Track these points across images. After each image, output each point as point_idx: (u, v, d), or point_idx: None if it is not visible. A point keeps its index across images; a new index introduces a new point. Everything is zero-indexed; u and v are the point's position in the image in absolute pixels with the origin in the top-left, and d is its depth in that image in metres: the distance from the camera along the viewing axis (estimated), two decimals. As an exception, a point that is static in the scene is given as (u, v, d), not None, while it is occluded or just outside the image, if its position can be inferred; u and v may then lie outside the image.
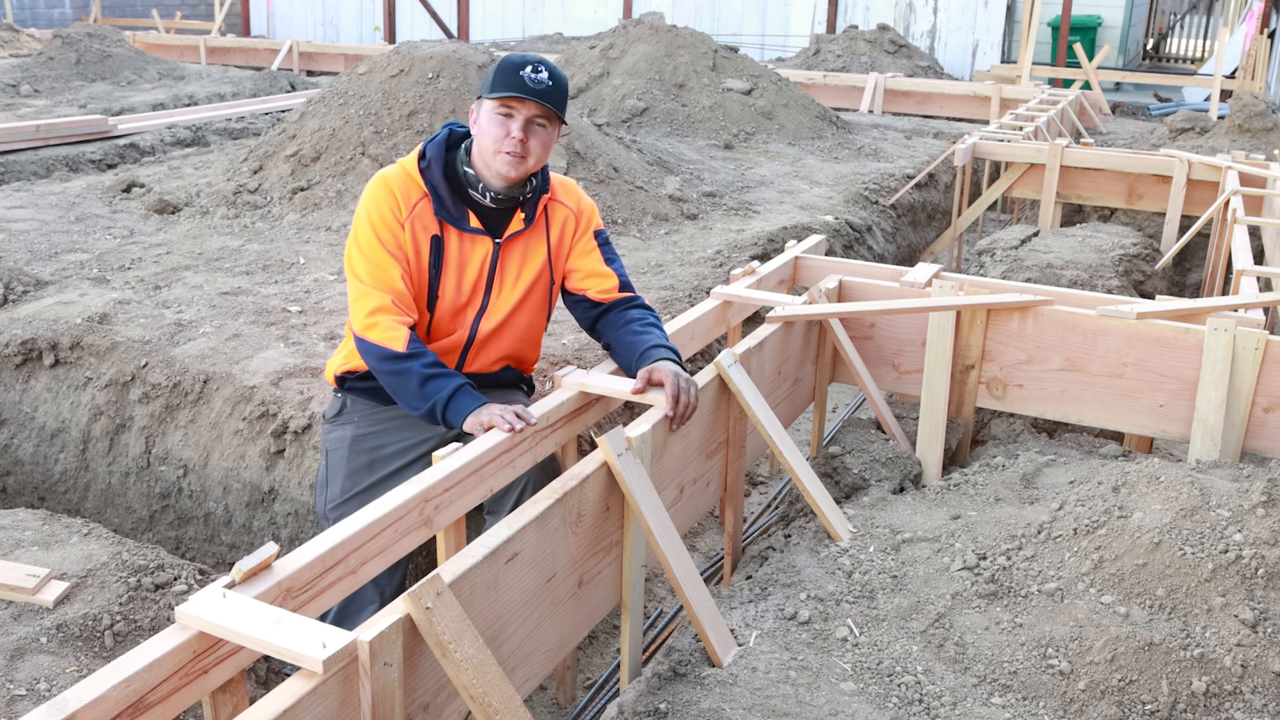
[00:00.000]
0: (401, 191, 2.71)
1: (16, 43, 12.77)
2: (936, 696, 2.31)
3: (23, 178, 6.83)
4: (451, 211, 2.74)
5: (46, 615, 2.42)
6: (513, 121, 2.63)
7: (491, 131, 2.65)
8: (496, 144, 2.64)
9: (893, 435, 3.65)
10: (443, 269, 2.75)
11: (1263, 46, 12.47)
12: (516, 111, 2.63)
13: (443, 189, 2.73)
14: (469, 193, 2.75)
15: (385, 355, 2.62)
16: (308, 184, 5.80)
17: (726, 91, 8.79)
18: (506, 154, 2.64)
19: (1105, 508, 2.59)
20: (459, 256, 2.76)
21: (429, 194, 2.72)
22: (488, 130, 2.66)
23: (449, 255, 2.75)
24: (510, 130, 2.63)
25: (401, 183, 2.72)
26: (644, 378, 2.71)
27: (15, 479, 3.98)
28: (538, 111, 2.64)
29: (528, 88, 2.61)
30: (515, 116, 2.63)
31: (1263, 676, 2.26)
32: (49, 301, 4.29)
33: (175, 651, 1.74)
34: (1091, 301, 3.61)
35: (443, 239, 2.74)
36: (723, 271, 4.91)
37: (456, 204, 2.75)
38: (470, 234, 2.76)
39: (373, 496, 2.32)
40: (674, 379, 2.68)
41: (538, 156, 2.69)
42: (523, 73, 2.62)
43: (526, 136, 2.64)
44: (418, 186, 2.73)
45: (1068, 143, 6.95)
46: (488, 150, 2.67)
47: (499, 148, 2.64)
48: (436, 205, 2.72)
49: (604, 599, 2.58)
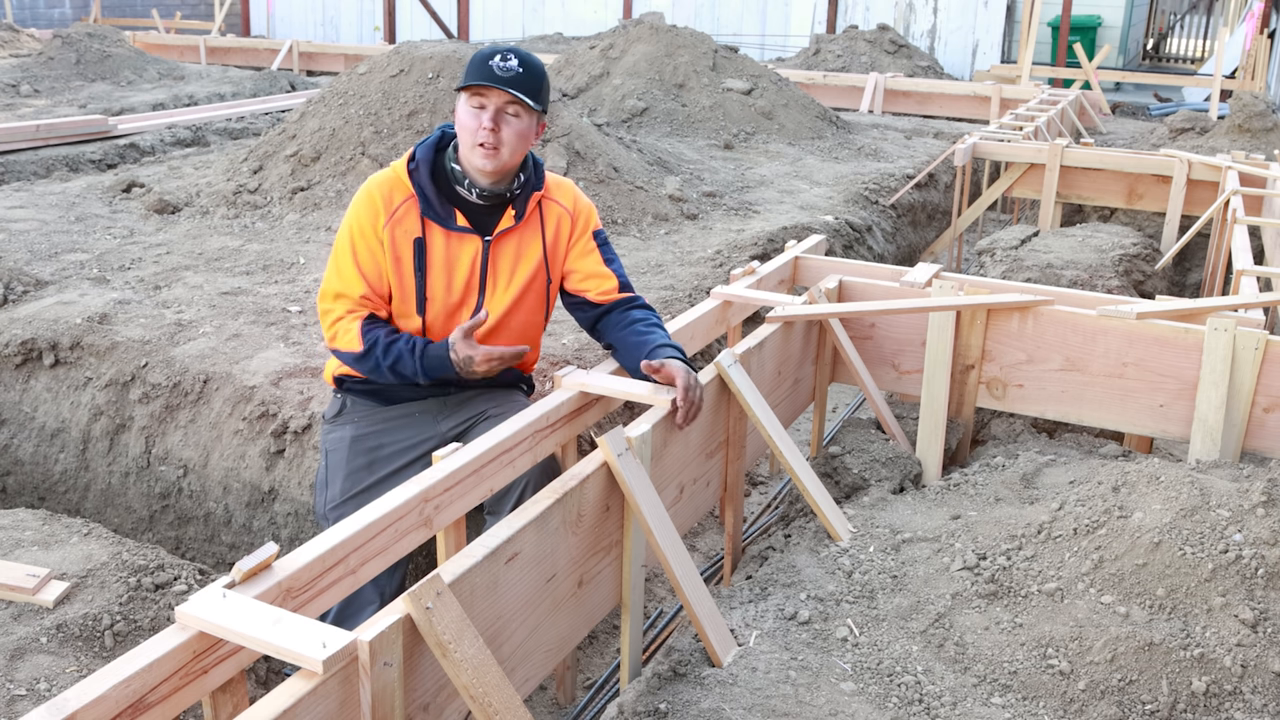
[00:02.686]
0: (385, 197, 2.73)
1: (16, 43, 12.76)
2: (936, 696, 2.31)
3: (23, 178, 6.83)
4: (438, 211, 2.74)
5: (46, 615, 2.42)
6: (484, 113, 2.63)
7: (466, 124, 2.65)
8: (471, 136, 2.65)
9: (893, 435, 3.65)
10: (428, 270, 2.75)
11: (1263, 46, 12.47)
12: (487, 101, 2.64)
13: (429, 189, 2.73)
14: (456, 190, 2.75)
15: (353, 359, 2.73)
16: (308, 184, 5.80)
17: (726, 91, 8.79)
18: (479, 145, 2.64)
19: (1105, 508, 2.59)
20: (446, 256, 2.76)
21: (415, 194, 2.73)
22: (463, 123, 2.67)
23: (433, 256, 2.75)
24: (482, 121, 2.63)
25: (387, 187, 2.74)
26: (656, 365, 2.71)
27: (15, 479, 3.98)
28: (507, 99, 2.63)
29: (496, 76, 2.61)
30: (486, 107, 2.64)
31: (1263, 676, 2.26)
32: (49, 301, 4.29)
33: (175, 651, 1.74)
34: (1091, 301, 3.61)
35: (425, 240, 2.74)
36: (723, 271, 4.91)
37: (443, 204, 2.75)
38: (457, 233, 2.75)
39: (372, 497, 2.32)
40: (685, 376, 2.69)
41: (512, 147, 2.67)
42: (491, 62, 2.62)
43: (498, 126, 2.63)
44: (404, 188, 2.74)
45: (1068, 143, 6.94)
46: (465, 144, 2.68)
47: (473, 140, 2.65)
48: (423, 205, 2.73)
49: (604, 599, 2.58)
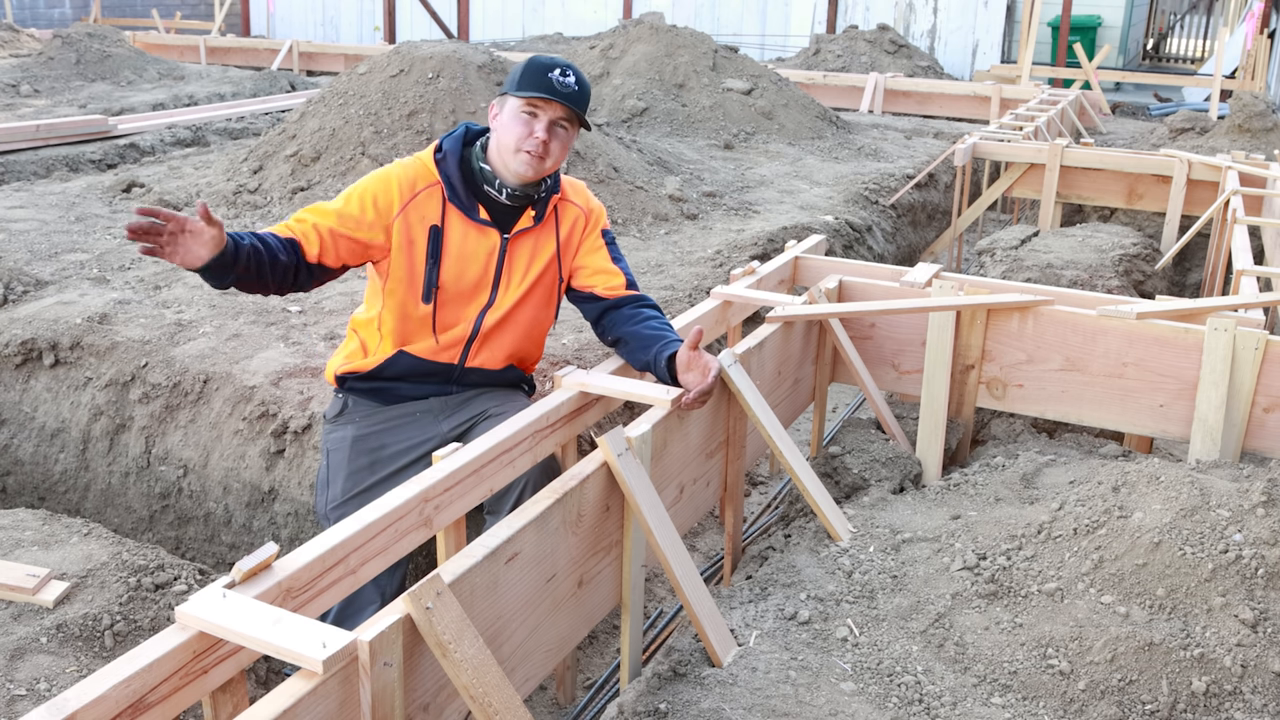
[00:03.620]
0: (407, 180, 2.73)
1: (16, 43, 12.76)
2: (936, 696, 2.31)
3: (23, 178, 6.83)
4: (463, 200, 2.76)
5: (46, 615, 2.42)
6: (537, 122, 2.65)
7: (514, 129, 2.66)
8: (518, 142, 2.66)
9: (893, 435, 3.65)
10: (442, 258, 2.76)
11: (1263, 46, 12.47)
12: (541, 112, 2.65)
13: (456, 179, 2.76)
14: (483, 188, 2.77)
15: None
16: (308, 184, 5.80)
17: (726, 91, 8.79)
18: (526, 153, 2.66)
19: (1105, 508, 2.59)
20: (461, 246, 2.77)
21: (441, 181, 2.74)
22: (510, 127, 2.67)
23: (449, 244, 2.76)
24: (534, 130, 2.65)
25: (410, 171, 2.75)
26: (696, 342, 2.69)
27: (15, 479, 3.98)
28: (562, 114, 2.67)
29: (555, 90, 2.63)
30: (540, 117, 2.66)
31: (1263, 676, 2.26)
32: (49, 301, 4.29)
33: (175, 651, 1.74)
34: (1091, 301, 3.60)
35: (442, 229, 2.75)
36: (723, 271, 4.91)
37: (469, 195, 2.77)
38: (478, 224, 2.77)
39: (373, 497, 2.32)
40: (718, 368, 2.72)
41: (556, 158, 2.72)
42: (551, 75, 2.64)
43: (549, 138, 2.66)
44: (430, 174, 2.75)
45: (1068, 143, 6.94)
46: (507, 148, 2.69)
47: (520, 146, 2.66)
48: (449, 192, 2.74)
49: (604, 599, 2.58)
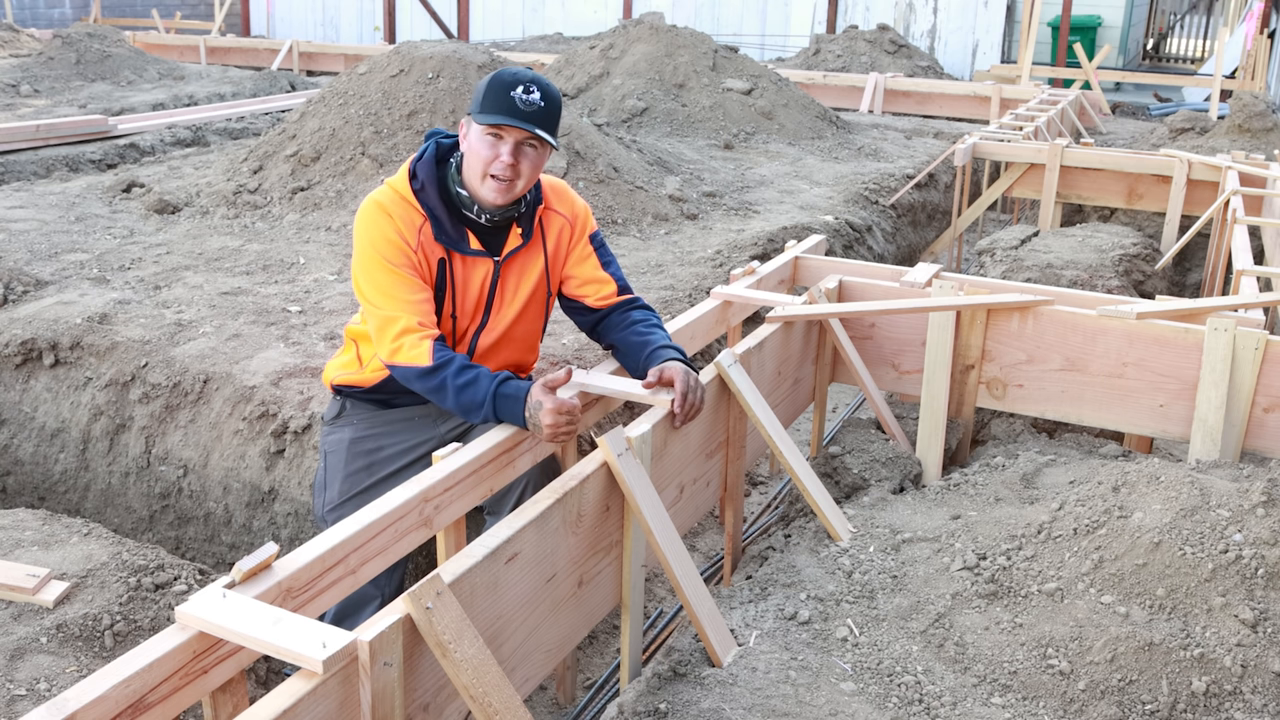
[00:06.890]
0: (402, 216, 2.63)
1: (16, 43, 12.76)
2: (936, 696, 2.31)
3: (23, 178, 6.83)
4: (451, 235, 2.67)
5: (46, 615, 2.42)
6: (503, 145, 2.56)
7: (480, 154, 2.58)
8: (485, 165, 2.57)
9: (893, 435, 3.65)
10: (446, 291, 2.70)
11: (1263, 46, 12.47)
12: (506, 134, 2.56)
13: (440, 211, 2.66)
14: (465, 213, 2.69)
15: (416, 374, 2.55)
16: (308, 184, 5.80)
17: (726, 91, 8.79)
18: (493, 177, 2.57)
19: (1105, 508, 2.59)
20: (463, 278, 2.71)
21: (427, 218, 2.65)
22: (477, 151, 2.59)
23: (453, 278, 2.70)
24: (500, 153, 2.56)
25: (398, 207, 2.64)
26: (655, 375, 2.69)
27: (15, 479, 3.98)
28: (529, 135, 2.57)
29: (519, 111, 2.53)
30: (505, 139, 2.56)
31: (1263, 676, 2.26)
32: (49, 301, 4.29)
33: (175, 651, 1.74)
34: (1091, 301, 3.60)
35: (449, 261, 2.68)
36: (723, 271, 4.91)
37: (455, 226, 2.68)
38: (472, 256, 2.70)
39: (371, 499, 2.31)
40: (684, 377, 2.68)
41: (528, 178, 2.63)
42: (514, 93, 2.53)
43: (516, 160, 2.57)
44: (416, 211, 2.65)
45: (1068, 143, 6.94)
46: (475, 174, 2.60)
47: (487, 170, 2.58)
48: (436, 230, 2.65)
49: (604, 599, 2.58)
